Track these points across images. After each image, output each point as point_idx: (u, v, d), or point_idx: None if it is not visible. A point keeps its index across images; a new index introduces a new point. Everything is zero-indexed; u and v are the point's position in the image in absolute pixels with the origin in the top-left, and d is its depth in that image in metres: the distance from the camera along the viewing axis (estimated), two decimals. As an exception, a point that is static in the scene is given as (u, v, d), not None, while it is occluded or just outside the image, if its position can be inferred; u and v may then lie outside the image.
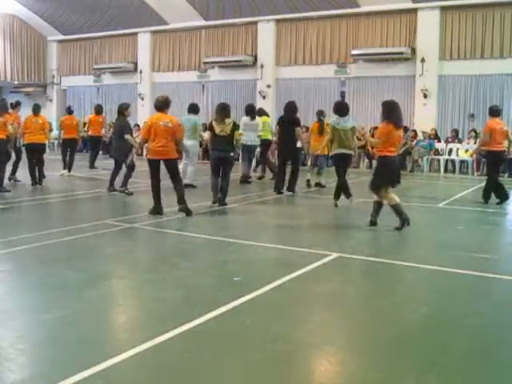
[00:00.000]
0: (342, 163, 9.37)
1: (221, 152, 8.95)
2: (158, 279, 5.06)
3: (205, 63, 21.03)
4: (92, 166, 15.02)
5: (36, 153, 11.66)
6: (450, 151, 16.07)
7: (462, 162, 16.00)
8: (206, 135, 9.06)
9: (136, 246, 6.67)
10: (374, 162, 16.42)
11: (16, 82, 25.81)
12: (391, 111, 7.41)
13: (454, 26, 16.71)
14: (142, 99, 22.70)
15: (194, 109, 11.39)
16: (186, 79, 21.83)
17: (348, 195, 9.29)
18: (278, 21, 19.56)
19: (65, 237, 6.65)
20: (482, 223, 8.25)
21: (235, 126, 9.15)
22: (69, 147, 13.65)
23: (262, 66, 19.83)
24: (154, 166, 8.04)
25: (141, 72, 22.85)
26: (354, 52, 17.95)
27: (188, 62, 21.84)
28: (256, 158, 13.87)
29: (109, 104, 24.25)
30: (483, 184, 13.20)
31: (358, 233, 7.50)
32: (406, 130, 16.71)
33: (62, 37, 25.33)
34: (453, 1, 16.56)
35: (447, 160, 16.14)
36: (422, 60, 16.92)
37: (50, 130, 21.68)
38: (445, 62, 16.98)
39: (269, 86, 19.74)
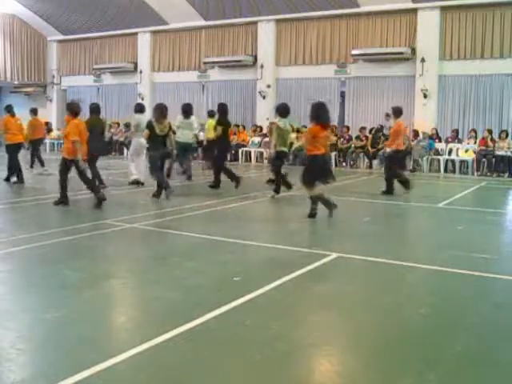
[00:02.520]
0: (283, 160, 10.44)
1: (161, 150, 9.76)
2: (157, 279, 5.06)
3: (205, 63, 21.04)
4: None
5: (17, 152, 12.04)
6: (450, 151, 16.07)
7: (461, 161, 16.00)
8: (144, 134, 9.89)
9: (136, 246, 6.67)
10: (374, 162, 16.62)
11: (16, 82, 25.83)
12: (319, 112, 7.94)
13: (454, 25, 16.71)
14: (142, 99, 22.66)
15: (141, 109, 12.02)
16: (186, 79, 21.85)
17: (289, 187, 10.35)
18: (277, 21, 19.57)
19: (64, 237, 6.65)
20: (482, 223, 8.24)
21: (170, 127, 10.01)
22: (38, 146, 14.44)
23: (261, 66, 19.84)
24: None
25: (141, 72, 22.86)
26: (354, 52, 17.95)
27: (188, 62, 21.86)
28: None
29: (109, 104, 24.30)
30: (483, 184, 13.29)
31: (357, 233, 7.51)
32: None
33: (62, 37, 25.34)
34: (453, 1, 16.56)
35: (447, 160, 16.15)
36: (422, 60, 16.93)
37: (50, 129, 21.88)
38: (445, 61, 16.99)
39: (269, 86, 19.74)
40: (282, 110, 10.15)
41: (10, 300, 4.56)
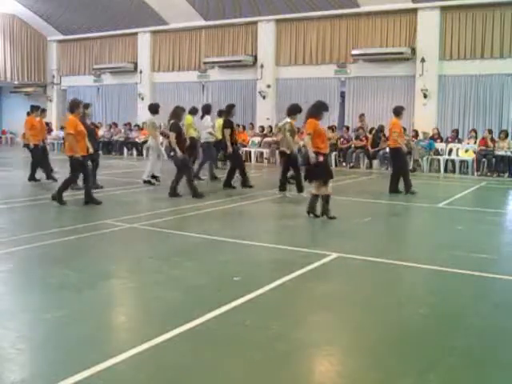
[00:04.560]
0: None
1: None
2: (158, 279, 5.06)
3: (205, 63, 21.03)
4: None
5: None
6: (450, 151, 16.06)
7: (461, 161, 15.99)
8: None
9: (136, 245, 6.67)
10: (375, 162, 16.62)
11: (16, 82, 25.84)
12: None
13: (454, 25, 16.71)
14: (142, 99, 22.70)
15: (150, 108, 12.19)
16: (186, 79, 21.84)
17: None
18: (277, 21, 19.56)
19: (65, 237, 6.66)
20: (482, 223, 8.24)
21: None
22: None
23: (261, 66, 19.83)
24: None
25: (141, 72, 22.85)
26: (354, 52, 17.94)
27: (188, 62, 21.85)
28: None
29: (109, 104, 24.31)
30: (483, 184, 13.29)
31: (357, 232, 7.51)
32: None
33: (62, 37, 25.34)
34: (453, 1, 16.56)
35: (447, 160, 16.14)
36: (422, 60, 16.92)
37: (50, 130, 21.88)
38: (445, 61, 16.99)
39: (269, 86, 19.74)
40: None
41: (9, 300, 4.56)
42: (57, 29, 24.91)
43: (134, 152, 20.88)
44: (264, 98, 19.72)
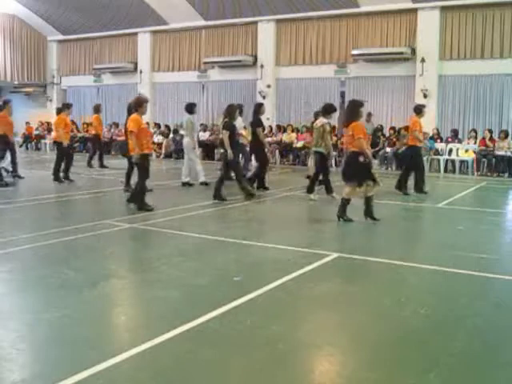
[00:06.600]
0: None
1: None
2: (158, 279, 5.06)
3: (205, 63, 21.04)
4: (90, 165, 15.48)
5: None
6: (450, 151, 16.06)
7: (461, 161, 15.99)
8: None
9: (136, 245, 6.67)
10: (375, 162, 16.57)
11: (16, 82, 25.81)
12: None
13: (454, 26, 16.70)
14: (142, 99, 22.68)
15: (186, 108, 11.84)
16: (186, 79, 21.84)
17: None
18: (277, 21, 19.56)
19: (65, 237, 6.65)
20: (482, 223, 8.24)
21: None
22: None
23: (261, 66, 19.83)
24: None
25: (141, 72, 22.85)
26: (354, 52, 17.94)
27: (188, 62, 21.85)
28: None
29: (109, 104, 24.30)
30: (483, 184, 13.29)
31: (357, 232, 7.51)
32: (397, 130, 16.75)
33: (62, 37, 25.34)
34: (453, 1, 16.55)
35: (447, 160, 16.14)
36: (422, 60, 16.92)
37: (50, 129, 21.86)
38: (445, 61, 16.99)
39: (269, 86, 19.74)
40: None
41: (9, 300, 4.56)
42: (57, 29, 24.90)
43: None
44: (264, 98, 19.71)
